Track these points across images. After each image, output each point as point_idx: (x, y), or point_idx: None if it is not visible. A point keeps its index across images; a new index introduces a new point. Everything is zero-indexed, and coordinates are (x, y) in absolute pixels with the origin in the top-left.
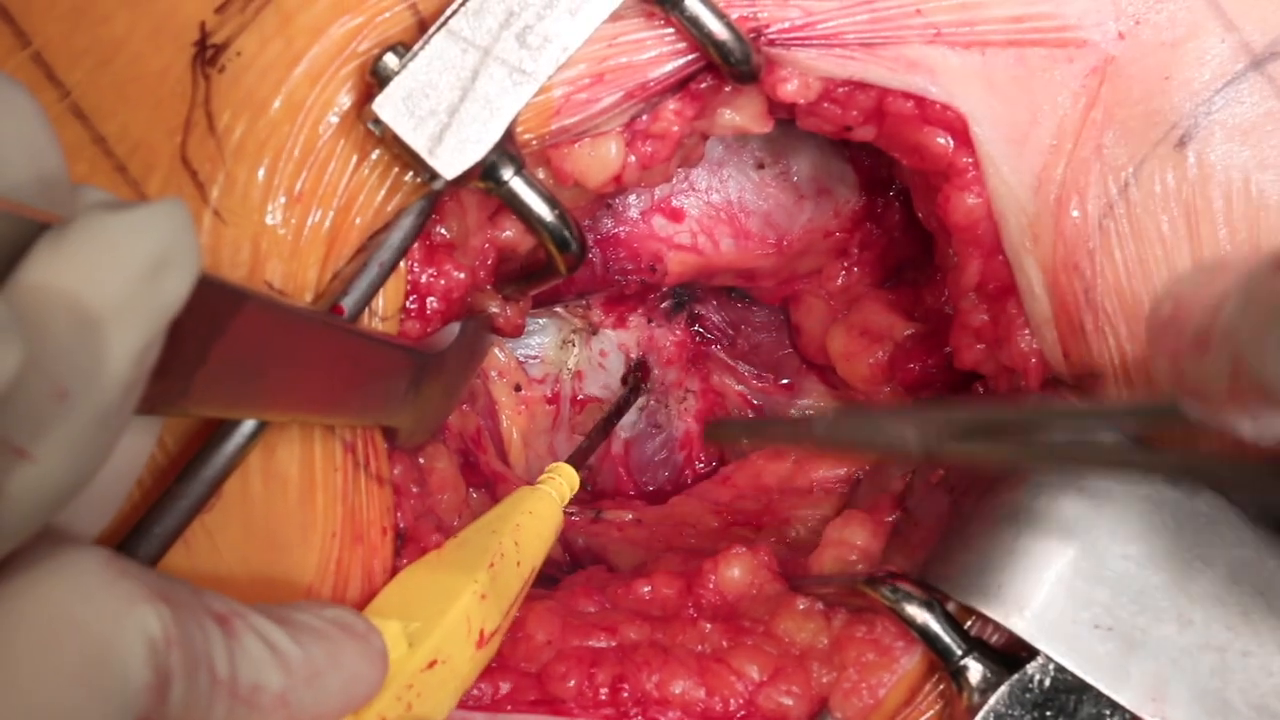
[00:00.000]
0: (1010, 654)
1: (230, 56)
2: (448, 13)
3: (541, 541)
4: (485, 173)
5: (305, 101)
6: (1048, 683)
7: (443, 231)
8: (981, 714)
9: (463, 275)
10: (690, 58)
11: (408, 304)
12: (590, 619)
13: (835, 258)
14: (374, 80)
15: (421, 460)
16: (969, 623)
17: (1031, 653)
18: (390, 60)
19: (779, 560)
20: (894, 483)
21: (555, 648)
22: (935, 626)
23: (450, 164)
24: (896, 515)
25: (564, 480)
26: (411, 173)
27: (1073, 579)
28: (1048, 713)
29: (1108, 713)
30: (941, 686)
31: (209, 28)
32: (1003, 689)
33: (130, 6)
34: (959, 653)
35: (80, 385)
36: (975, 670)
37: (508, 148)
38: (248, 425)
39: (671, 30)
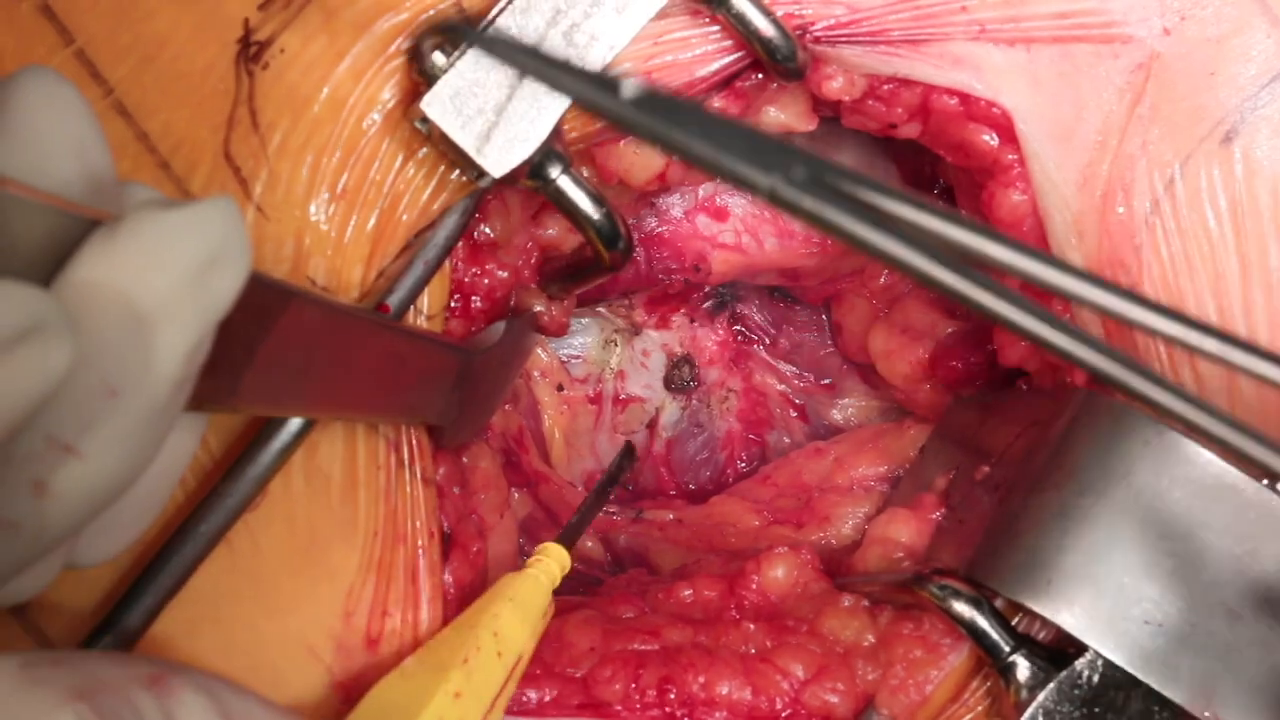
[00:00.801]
0: (1058, 650)
1: (273, 53)
2: (494, 10)
3: (526, 627)
4: (532, 171)
5: (349, 99)
6: (1096, 679)
7: (486, 230)
8: (1030, 710)
9: (506, 274)
10: (736, 56)
11: (452, 302)
12: (631, 624)
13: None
14: (421, 79)
15: (465, 460)
16: (1016, 619)
17: (1080, 649)
18: (438, 58)
19: (821, 559)
20: (937, 480)
21: (599, 653)
22: (983, 623)
23: (498, 162)
24: (941, 512)
25: (553, 560)
26: (458, 171)
27: (1122, 575)
28: (1096, 709)
29: (1157, 709)
30: (989, 683)
31: (252, 25)
32: (1051, 686)
33: (174, 3)
34: (1007, 649)
35: (130, 383)
36: (1024, 667)
37: (555, 146)
38: (294, 424)
39: (717, 28)
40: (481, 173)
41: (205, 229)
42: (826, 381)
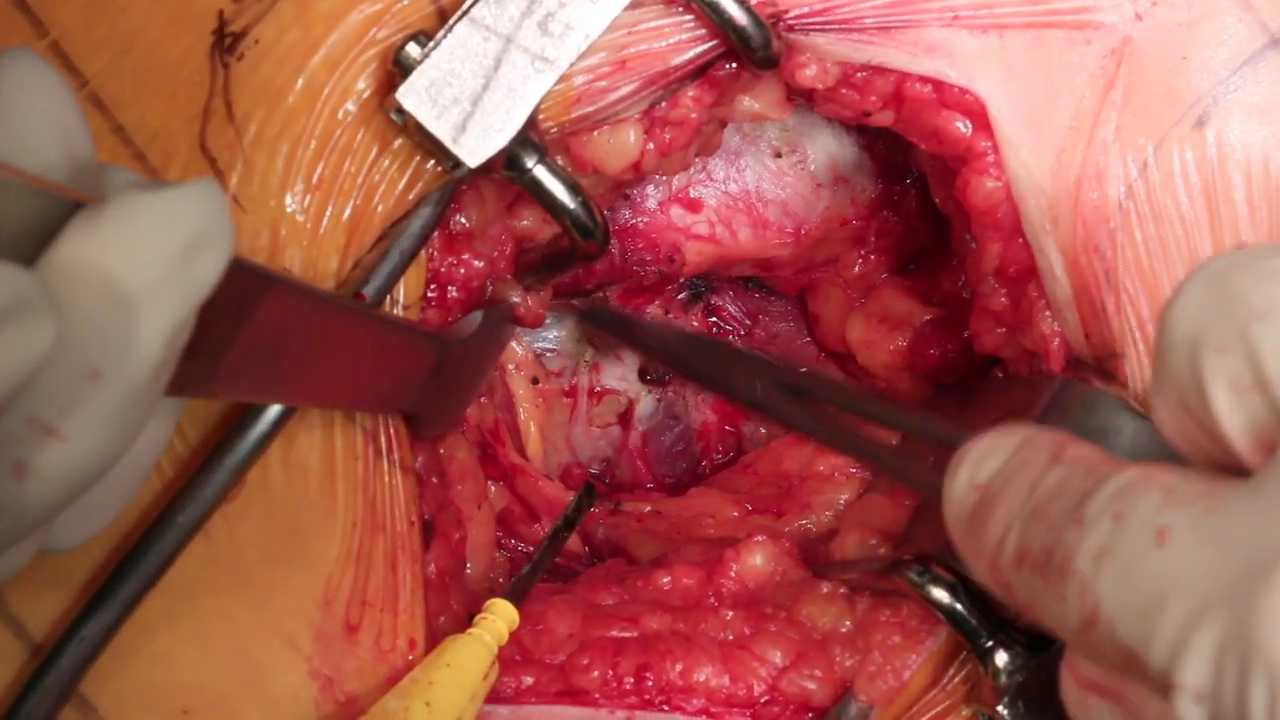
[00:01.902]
0: (1037, 635)
1: (249, 44)
2: (470, 1)
3: (463, 691)
4: (508, 161)
5: (324, 89)
6: None
7: (462, 220)
8: (1009, 695)
9: (481, 264)
10: (709, 44)
11: (428, 292)
12: (610, 611)
13: (852, 246)
14: (396, 70)
15: (441, 450)
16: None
17: None
18: (413, 49)
19: (800, 548)
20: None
21: (578, 640)
22: (961, 608)
23: (474, 152)
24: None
25: (499, 618)
26: (433, 161)
27: None
28: None
29: None
30: (967, 668)
31: (227, 16)
32: (1030, 671)
33: None
34: (985, 635)
35: (112, 365)
36: (1002, 652)
37: (530, 136)
38: (271, 414)
39: (691, 17)
40: (457, 163)
41: (189, 211)
42: (804, 370)
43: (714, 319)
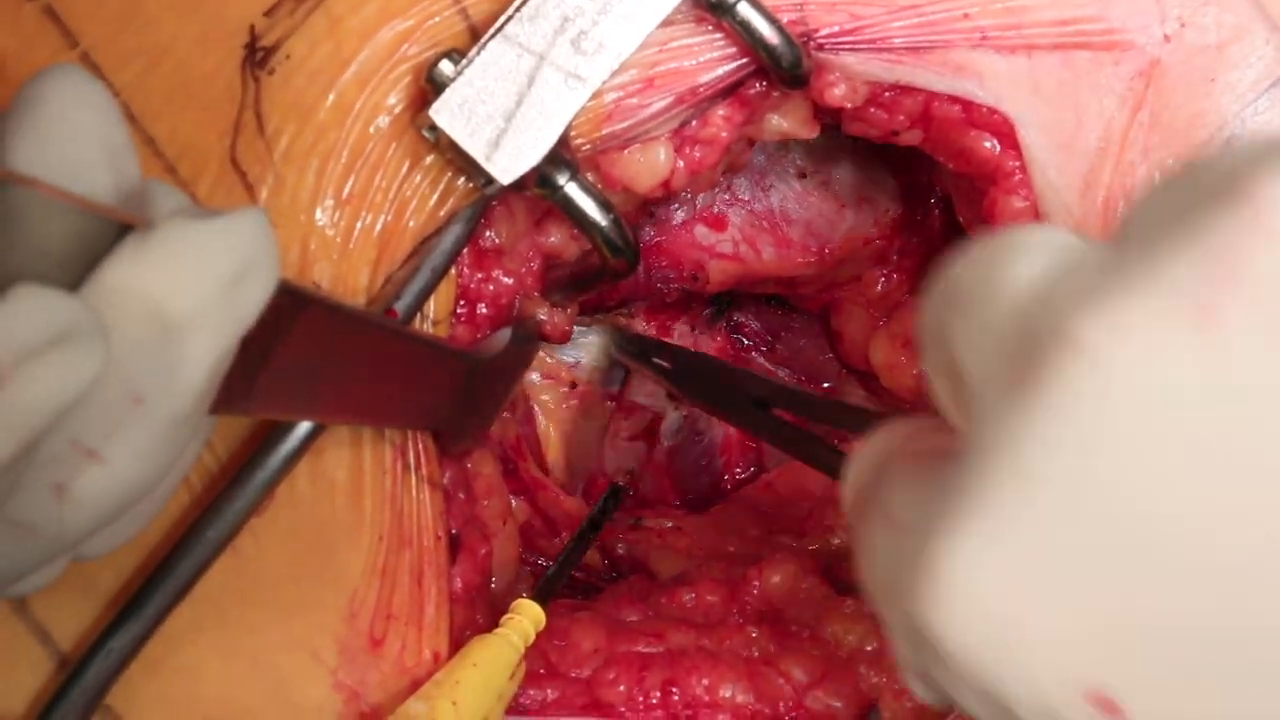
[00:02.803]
0: None
1: (280, 59)
2: (503, 18)
3: (489, 691)
4: (540, 179)
5: (355, 104)
6: None
7: (492, 236)
8: None
9: (510, 280)
10: (740, 63)
11: (457, 309)
12: (635, 626)
13: (875, 265)
14: (429, 86)
15: (469, 465)
16: None
17: None
18: (445, 66)
19: (823, 565)
20: None
21: (603, 655)
22: None
23: (507, 169)
24: None
25: (526, 618)
26: (464, 178)
27: None
28: None
29: None
30: None
31: (258, 30)
32: None
33: (179, 9)
34: None
35: (155, 391)
36: None
37: (562, 153)
38: (301, 430)
39: (721, 36)
40: (490, 180)
41: (238, 240)
42: (827, 385)
43: (736, 335)
